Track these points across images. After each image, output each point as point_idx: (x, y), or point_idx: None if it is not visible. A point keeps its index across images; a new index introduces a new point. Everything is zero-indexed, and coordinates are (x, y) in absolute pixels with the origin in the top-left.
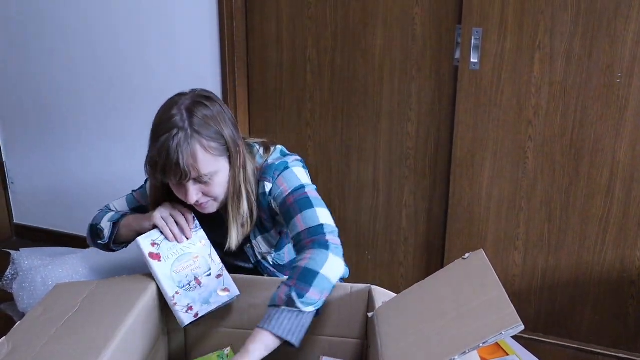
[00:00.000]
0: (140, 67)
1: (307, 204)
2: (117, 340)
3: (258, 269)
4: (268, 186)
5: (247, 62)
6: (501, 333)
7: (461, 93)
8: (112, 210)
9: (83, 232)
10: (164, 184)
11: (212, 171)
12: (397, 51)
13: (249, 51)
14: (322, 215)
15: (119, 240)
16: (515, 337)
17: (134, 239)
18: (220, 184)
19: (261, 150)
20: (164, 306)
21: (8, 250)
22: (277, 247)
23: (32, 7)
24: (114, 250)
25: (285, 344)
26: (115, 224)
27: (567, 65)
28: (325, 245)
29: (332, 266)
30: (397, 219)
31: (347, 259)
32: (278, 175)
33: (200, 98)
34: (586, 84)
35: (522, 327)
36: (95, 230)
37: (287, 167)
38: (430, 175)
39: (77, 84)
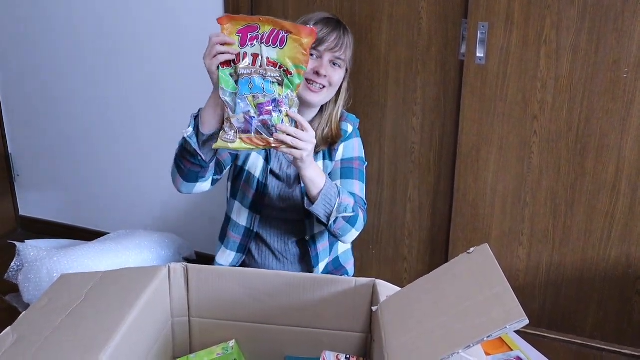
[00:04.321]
0: (145, 62)
1: (362, 177)
2: (122, 331)
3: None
4: (350, 127)
5: None
6: (505, 327)
7: (466, 88)
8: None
9: (88, 224)
10: None
11: (345, 61)
12: (402, 45)
13: None
14: (364, 192)
15: (208, 136)
16: (519, 333)
17: (217, 123)
18: (339, 77)
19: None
20: (169, 299)
21: (14, 242)
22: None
23: (38, 1)
24: (211, 151)
25: (307, 198)
26: (195, 118)
27: (574, 60)
28: (365, 217)
29: (358, 233)
30: (401, 213)
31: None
32: (356, 135)
33: None
34: (592, 79)
35: (527, 322)
36: (183, 151)
37: (359, 135)
38: (434, 170)
39: (83, 77)
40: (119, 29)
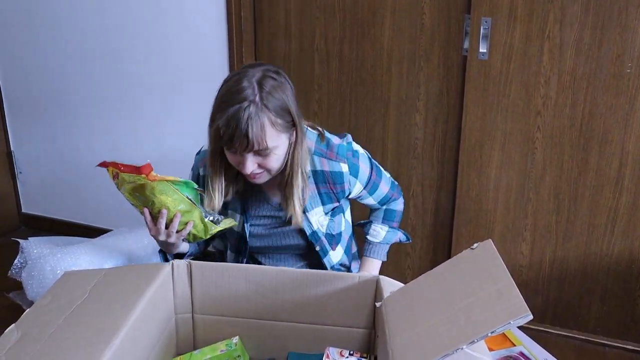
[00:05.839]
0: (148, 57)
1: (380, 173)
2: (126, 328)
3: (311, 242)
4: (344, 167)
5: (255, 52)
6: (509, 322)
7: (469, 83)
8: None
9: (91, 221)
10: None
11: (274, 145)
12: (405, 41)
13: (257, 40)
14: (390, 178)
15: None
16: (522, 328)
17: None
18: (277, 158)
19: (309, 132)
20: (172, 296)
21: (17, 239)
22: (332, 213)
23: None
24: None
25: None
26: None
27: (577, 56)
28: (400, 192)
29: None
30: (404, 209)
31: None
32: (354, 157)
33: (269, 72)
34: (596, 74)
35: (531, 317)
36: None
37: (356, 151)
38: (438, 166)
39: (86, 75)
40: (122, 28)
